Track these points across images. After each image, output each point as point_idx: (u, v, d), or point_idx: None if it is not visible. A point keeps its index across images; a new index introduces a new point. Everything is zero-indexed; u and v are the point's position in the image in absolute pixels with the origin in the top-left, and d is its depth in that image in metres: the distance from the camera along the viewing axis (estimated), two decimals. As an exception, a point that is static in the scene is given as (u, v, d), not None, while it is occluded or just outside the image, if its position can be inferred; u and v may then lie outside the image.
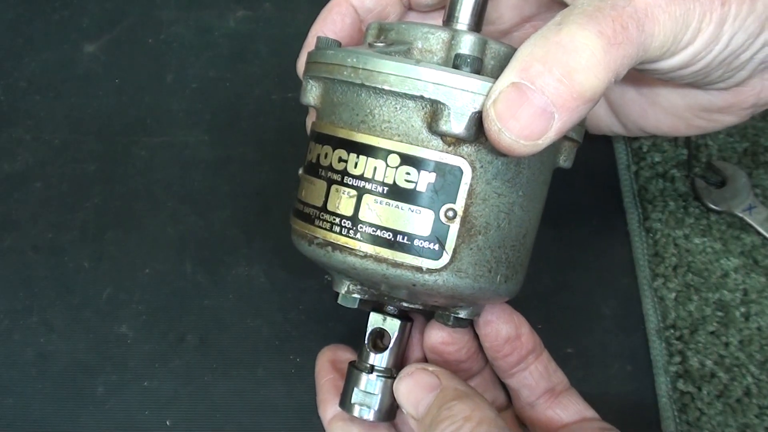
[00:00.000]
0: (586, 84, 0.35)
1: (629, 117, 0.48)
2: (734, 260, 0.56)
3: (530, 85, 0.35)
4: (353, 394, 0.44)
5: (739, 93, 0.43)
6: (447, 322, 0.43)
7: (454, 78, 0.37)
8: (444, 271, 0.39)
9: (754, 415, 0.52)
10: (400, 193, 0.38)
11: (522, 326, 0.47)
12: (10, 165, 0.60)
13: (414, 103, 0.38)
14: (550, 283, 0.57)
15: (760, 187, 0.59)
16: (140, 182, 0.59)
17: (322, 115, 0.41)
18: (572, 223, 0.57)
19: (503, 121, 0.35)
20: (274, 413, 0.53)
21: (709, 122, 0.46)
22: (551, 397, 0.47)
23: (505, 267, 0.40)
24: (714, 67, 0.40)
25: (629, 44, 0.35)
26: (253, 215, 0.58)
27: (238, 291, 0.56)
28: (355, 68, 0.38)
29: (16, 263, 0.56)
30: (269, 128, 0.62)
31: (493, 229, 0.39)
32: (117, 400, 0.53)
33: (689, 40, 0.38)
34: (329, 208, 0.39)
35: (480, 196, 0.39)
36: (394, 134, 0.38)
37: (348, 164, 0.39)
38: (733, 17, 0.38)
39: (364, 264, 0.39)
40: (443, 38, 0.40)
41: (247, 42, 0.65)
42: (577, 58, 0.35)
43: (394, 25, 0.41)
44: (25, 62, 0.64)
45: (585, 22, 0.35)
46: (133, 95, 0.63)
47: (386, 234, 0.38)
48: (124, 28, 0.66)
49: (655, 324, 0.55)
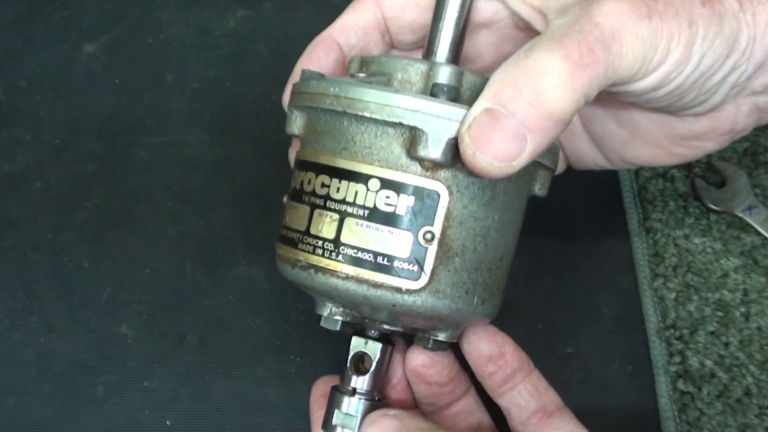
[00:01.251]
0: (554, 105, 0.36)
1: (611, 149, 0.49)
2: (734, 260, 0.56)
3: (502, 109, 0.36)
4: (334, 416, 0.45)
5: (715, 119, 0.44)
6: (427, 345, 0.45)
7: (431, 105, 0.38)
8: (423, 291, 0.40)
9: (754, 415, 0.52)
10: (380, 216, 0.39)
11: (506, 345, 0.47)
12: (10, 165, 0.60)
13: (393, 130, 0.39)
14: (550, 283, 0.57)
15: (760, 187, 0.59)
16: (140, 182, 0.59)
17: (306, 144, 0.42)
18: (572, 223, 0.57)
19: (477, 145, 0.36)
20: (274, 413, 0.53)
21: (688, 150, 0.47)
22: (543, 418, 0.47)
23: (482, 289, 0.41)
24: (686, 89, 0.41)
25: (596, 66, 0.37)
26: (253, 215, 0.59)
27: (238, 291, 0.56)
28: (337, 96, 0.39)
29: (16, 263, 0.56)
30: (269, 128, 0.62)
31: (469, 251, 0.40)
32: (117, 400, 0.53)
33: (659, 61, 0.39)
34: (312, 232, 0.41)
35: (457, 219, 0.40)
36: (374, 160, 0.39)
37: (330, 189, 0.40)
38: (701, 38, 0.39)
39: (346, 285, 0.40)
40: (422, 69, 0.41)
41: (247, 42, 0.65)
42: (544, 80, 0.36)
43: (375, 58, 0.43)
44: (25, 62, 0.64)
45: (552, 47, 0.37)
46: (133, 95, 0.63)
47: (367, 255, 0.39)
48: (124, 28, 0.66)
49: (655, 324, 0.55)
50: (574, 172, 0.54)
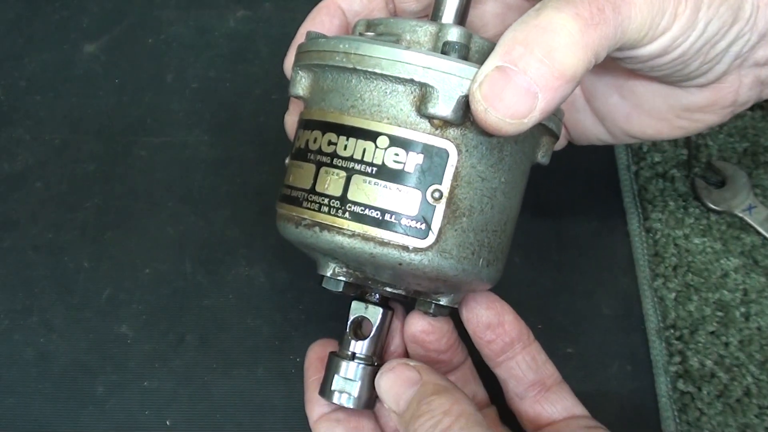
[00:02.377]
0: (566, 63, 0.36)
1: (615, 123, 0.49)
2: (734, 260, 0.56)
3: (513, 66, 0.36)
4: (333, 381, 0.45)
5: (718, 90, 0.45)
6: (428, 309, 0.44)
7: (443, 62, 0.38)
8: (429, 250, 0.39)
9: (754, 415, 0.52)
10: (388, 173, 0.39)
11: (505, 313, 0.47)
12: (10, 165, 0.60)
13: (403, 87, 0.39)
14: (550, 283, 0.57)
15: (760, 187, 0.59)
16: (140, 182, 0.59)
17: (311, 104, 0.42)
18: (572, 223, 0.57)
19: (489, 102, 0.37)
20: (274, 413, 0.53)
21: (691, 122, 0.47)
22: (541, 391, 0.47)
23: (487, 251, 0.41)
24: (691, 56, 0.41)
25: (606, 25, 0.37)
26: (253, 215, 0.58)
27: (238, 291, 0.56)
28: (347, 53, 0.39)
29: (16, 263, 0.56)
30: (269, 128, 0.62)
31: (476, 212, 0.40)
32: (117, 400, 0.53)
33: (666, 26, 0.39)
34: (318, 190, 0.40)
35: (465, 179, 0.40)
36: (383, 117, 0.39)
37: (337, 147, 0.40)
38: (707, 5, 0.39)
39: (352, 243, 0.40)
40: (431, 30, 0.41)
41: (247, 42, 0.65)
42: (556, 38, 0.36)
43: (383, 20, 0.43)
44: (25, 62, 0.64)
45: (562, 6, 0.37)
46: (133, 95, 0.63)
47: (374, 213, 0.39)
48: (124, 28, 0.66)
49: (655, 324, 0.55)
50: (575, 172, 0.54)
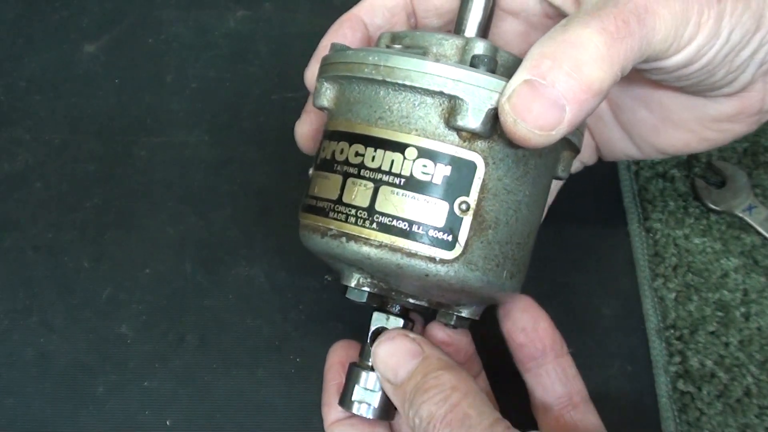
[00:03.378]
0: (593, 76, 0.37)
1: (642, 137, 0.50)
2: (734, 260, 0.56)
3: (542, 80, 0.36)
4: (354, 392, 0.45)
5: (744, 99, 0.45)
6: (450, 321, 0.44)
7: (473, 75, 0.39)
8: (456, 262, 0.40)
9: (754, 415, 0.52)
10: (416, 185, 0.39)
11: (540, 319, 0.47)
12: (10, 165, 0.60)
13: (432, 99, 0.39)
14: (551, 283, 0.57)
15: (760, 187, 0.59)
16: (140, 182, 0.59)
17: (337, 115, 0.42)
18: (572, 223, 0.57)
19: (518, 114, 0.37)
20: (274, 413, 0.53)
21: (719, 133, 0.47)
22: (566, 406, 0.47)
23: (511, 263, 0.42)
24: (716, 65, 0.42)
25: (632, 38, 0.37)
26: (253, 215, 0.58)
27: (238, 291, 0.56)
28: (376, 65, 0.40)
29: (16, 263, 0.56)
30: (269, 128, 0.62)
31: (502, 224, 0.41)
32: (117, 400, 0.53)
33: (691, 36, 0.39)
34: (345, 200, 0.40)
35: (491, 191, 0.40)
36: (412, 129, 0.39)
37: (365, 158, 0.40)
38: (729, 13, 0.40)
39: (379, 253, 0.40)
40: (457, 44, 0.41)
41: (247, 42, 0.65)
42: (583, 52, 0.37)
43: (408, 32, 0.43)
44: (25, 62, 0.64)
45: (588, 21, 0.37)
46: (133, 95, 0.63)
47: (402, 224, 0.39)
48: (124, 28, 0.66)
49: (655, 324, 0.55)
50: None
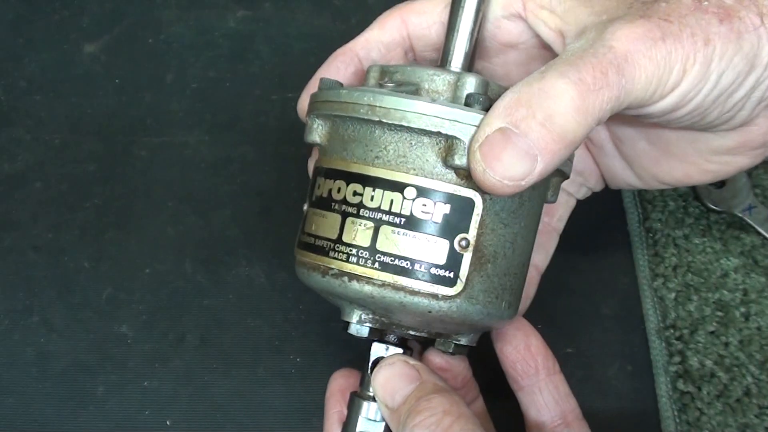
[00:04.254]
0: (566, 127, 0.36)
1: (643, 168, 0.49)
2: (734, 260, 0.56)
3: (514, 129, 0.36)
4: (359, 423, 0.45)
5: (746, 132, 0.44)
6: (448, 349, 0.45)
7: (469, 115, 0.39)
8: (458, 297, 0.40)
9: (754, 415, 0.52)
10: (416, 224, 0.40)
11: (532, 336, 0.48)
12: (10, 165, 0.60)
13: (429, 139, 0.39)
14: (550, 283, 0.57)
15: (760, 187, 0.59)
16: (140, 182, 0.59)
17: (330, 152, 0.42)
18: (572, 222, 0.57)
19: (488, 163, 0.37)
20: (274, 413, 0.53)
21: (721, 165, 0.47)
22: (560, 425, 0.47)
23: (508, 294, 0.42)
24: (707, 108, 0.41)
25: (609, 89, 0.37)
26: (253, 215, 0.58)
27: (238, 291, 0.56)
28: (372, 106, 0.40)
29: (16, 263, 0.56)
30: (269, 128, 0.62)
31: (500, 257, 0.41)
32: (117, 400, 0.53)
33: (675, 82, 0.39)
34: (345, 240, 0.40)
35: (489, 226, 0.40)
36: (409, 168, 0.40)
37: (364, 197, 0.40)
38: (719, 57, 0.39)
39: (382, 292, 0.40)
40: (449, 80, 0.41)
41: (247, 42, 0.65)
42: (557, 103, 0.36)
43: (398, 67, 0.43)
44: (25, 62, 0.64)
45: (565, 70, 0.37)
46: (133, 95, 0.63)
47: (404, 263, 0.40)
48: (124, 28, 0.66)
49: (655, 324, 0.55)
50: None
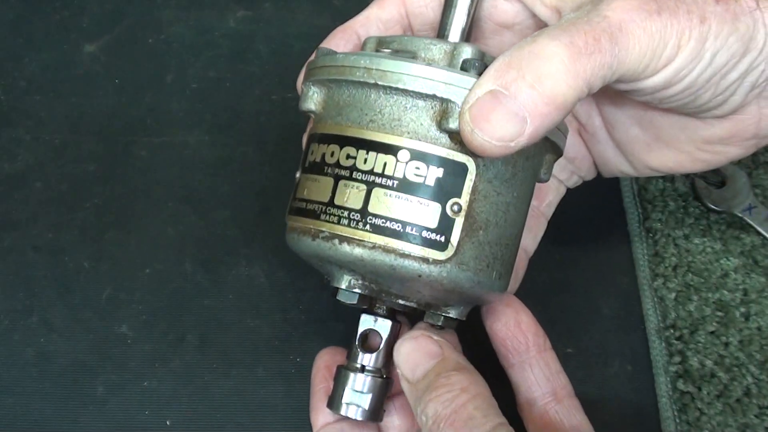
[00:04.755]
0: (556, 89, 0.37)
1: (635, 155, 0.50)
2: (734, 260, 0.56)
3: (504, 90, 0.37)
4: (344, 393, 0.45)
5: (738, 122, 0.44)
6: (437, 321, 0.45)
7: (465, 79, 0.39)
8: (448, 263, 0.40)
9: (754, 415, 0.52)
10: (409, 187, 0.40)
11: (522, 313, 0.47)
12: (10, 165, 0.60)
13: (424, 102, 0.40)
14: (550, 282, 0.57)
15: (760, 187, 0.59)
16: (140, 182, 0.59)
17: (325, 118, 0.42)
18: (572, 222, 0.57)
19: (476, 123, 0.37)
20: (274, 413, 0.53)
21: (712, 155, 0.47)
22: (551, 401, 0.47)
23: (499, 264, 0.42)
24: (700, 88, 0.41)
25: (601, 55, 0.37)
26: (253, 215, 0.58)
27: (238, 291, 0.56)
28: (368, 69, 0.40)
29: (16, 263, 0.56)
30: (269, 128, 0.62)
31: (492, 225, 0.41)
32: (117, 400, 0.53)
33: (669, 57, 0.39)
34: (337, 203, 0.40)
35: (482, 193, 0.40)
36: (404, 131, 0.40)
37: (357, 160, 0.40)
38: (714, 35, 0.39)
39: (372, 254, 0.40)
40: (445, 48, 0.42)
41: (247, 42, 0.65)
42: (547, 65, 0.37)
43: (395, 37, 0.43)
44: (25, 62, 0.64)
45: (557, 34, 0.37)
46: (133, 95, 0.63)
47: (395, 225, 0.40)
48: (124, 28, 0.66)
49: (655, 324, 0.55)
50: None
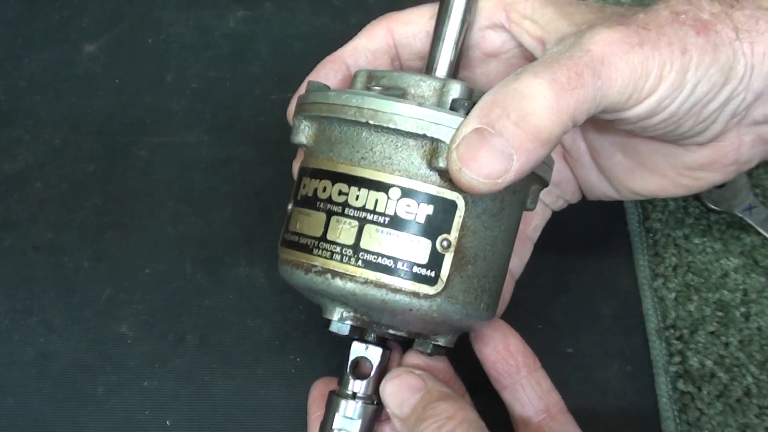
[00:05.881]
0: (540, 126, 0.37)
1: (619, 180, 0.50)
2: (734, 260, 0.56)
3: (490, 129, 0.37)
4: (335, 420, 0.46)
5: (718, 149, 0.45)
6: (426, 349, 0.45)
7: (454, 119, 0.40)
8: (438, 296, 0.41)
9: (754, 415, 0.52)
10: (400, 223, 0.40)
11: (510, 336, 0.48)
12: (10, 165, 0.60)
13: (415, 141, 0.40)
14: (550, 283, 0.57)
15: (760, 187, 0.59)
16: (140, 182, 0.59)
17: (317, 153, 0.43)
18: (572, 222, 0.57)
19: (464, 162, 0.38)
20: (274, 413, 0.53)
21: (694, 180, 0.48)
22: (545, 419, 0.47)
23: (487, 296, 0.43)
24: (682, 117, 0.42)
25: (584, 89, 0.38)
26: (253, 215, 0.58)
27: (238, 291, 0.56)
28: (360, 108, 0.41)
29: (16, 263, 0.56)
30: (269, 128, 0.62)
31: (480, 259, 0.42)
32: (117, 400, 0.53)
33: (651, 88, 0.40)
34: (329, 238, 0.41)
35: (471, 228, 0.41)
36: (395, 169, 0.41)
37: (349, 197, 0.41)
38: (695, 66, 0.40)
39: (365, 289, 0.41)
40: (434, 86, 0.43)
41: (247, 42, 0.65)
42: (531, 103, 0.37)
43: (385, 72, 0.44)
44: (25, 62, 0.64)
45: (540, 71, 0.38)
46: (133, 95, 0.63)
47: (387, 261, 0.40)
48: (124, 28, 0.66)
49: (655, 324, 0.55)
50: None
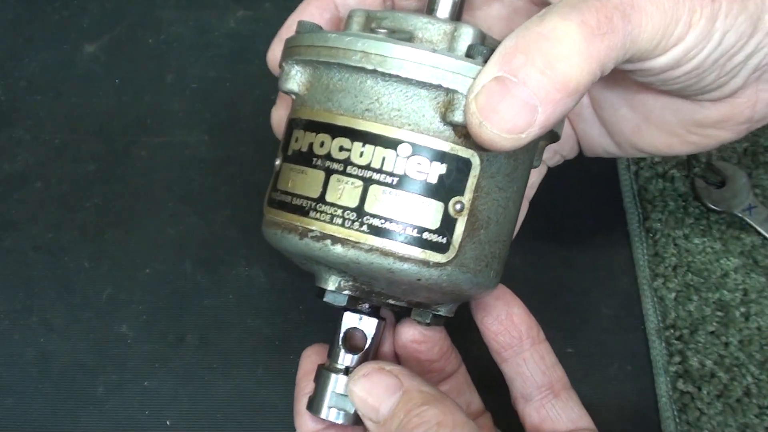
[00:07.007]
0: (569, 75, 0.34)
1: (623, 135, 0.47)
2: (734, 260, 0.56)
3: (513, 77, 0.34)
4: (328, 397, 0.42)
5: (734, 105, 0.42)
6: (426, 319, 0.42)
7: (473, 68, 0.36)
8: (449, 265, 0.37)
9: (754, 415, 0.52)
10: (410, 184, 0.36)
11: (514, 305, 0.45)
12: (10, 165, 0.60)
13: (427, 92, 0.36)
14: (550, 283, 0.57)
15: (760, 187, 0.59)
16: (140, 182, 0.59)
17: (311, 102, 0.39)
18: (572, 222, 0.57)
19: (484, 115, 0.34)
20: (274, 413, 0.53)
21: (703, 138, 0.45)
22: (548, 395, 0.45)
23: (496, 262, 0.40)
24: (706, 69, 0.39)
25: (614, 35, 0.34)
26: (253, 215, 0.58)
27: (238, 291, 0.56)
28: (366, 53, 0.36)
29: (16, 263, 0.56)
30: (269, 128, 0.61)
31: (492, 223, 0.38)
32: (117, 400, 0.53)
33: (680, 36, 0.37)
34: (329, 200, 0.37)
35: (485, 189, 0.37)
36: (404, 123, 0.36)
37: (352, 153, 0.37)
38: (724, 14, 0.37)
39: (369, 258, 0.37)
40: (444, 29, 0.38)
41: (247, 42, 0.65)
42: (559, 48, 0.34)
43: (387, 13, 0.39)
44: (25, 62, 0.64)
45: (567, 13, 0.34)
46: (133, 95, 0.63)
47: (395, 226, 0.36)
48: (124, 28, 0.66)
49: (655, 324, 0.55)
50: (574, 171, 0.54)
